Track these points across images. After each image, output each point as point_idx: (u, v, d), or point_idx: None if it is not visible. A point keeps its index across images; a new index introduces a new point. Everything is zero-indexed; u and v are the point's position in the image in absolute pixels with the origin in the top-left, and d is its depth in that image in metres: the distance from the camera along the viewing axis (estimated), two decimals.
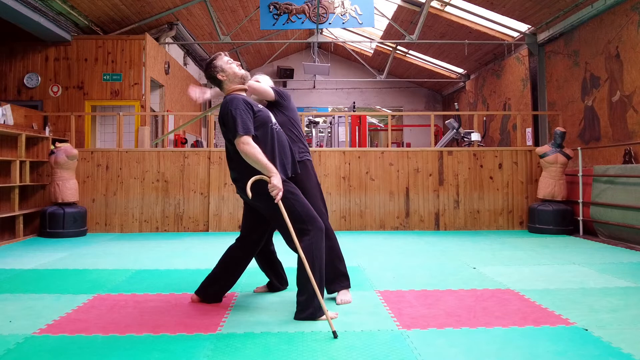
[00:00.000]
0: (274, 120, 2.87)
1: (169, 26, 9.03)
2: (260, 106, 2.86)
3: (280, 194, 2.61)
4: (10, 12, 6.37)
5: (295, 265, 2.72)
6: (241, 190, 2.80)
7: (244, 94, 2.89)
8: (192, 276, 3.80)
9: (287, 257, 4.43)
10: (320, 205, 3.13)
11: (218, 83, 2.90)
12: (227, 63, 2.87)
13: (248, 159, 2.64)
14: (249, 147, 2.62)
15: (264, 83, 3.24)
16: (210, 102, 12.77)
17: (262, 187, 2.65)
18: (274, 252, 3.33)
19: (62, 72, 7.94)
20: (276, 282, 3.33)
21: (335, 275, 3.12)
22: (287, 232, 2.68)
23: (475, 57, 10.72)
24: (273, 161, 2.72)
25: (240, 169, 2.75)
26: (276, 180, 2.61)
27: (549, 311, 2.84)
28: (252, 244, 3.01)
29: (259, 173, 2.65)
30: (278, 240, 3.34)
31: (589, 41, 7.05)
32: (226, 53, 2.96)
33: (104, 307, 2.96)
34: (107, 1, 7.40)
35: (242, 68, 2.95)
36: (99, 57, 7.98)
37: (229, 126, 2.67)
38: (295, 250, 2.66)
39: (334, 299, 3.09)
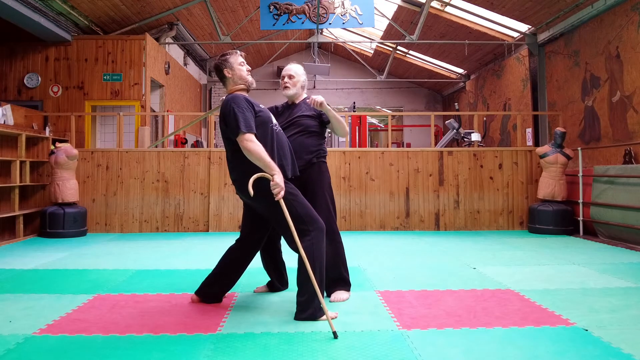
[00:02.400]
0: (274, 120, 2.88)
1: (169, 26, 9.03)
2: (262, 106, 2.86)
3: (282, 192, 2.61)
4: (11, 12, 6.37)
5: (296, 265, 2.72)
6: (241, 191, 2.80)
7: (245, 93, 2.89)
8: (192, 276, 3.80)
9: (287, 257, 4.42)
10: (330, 208, 3.14)
11: (222, 77, 2.90)
12: (238, 64, 2.88)
13: (251, 157, 2.63)
14: (253, 144, 2.62)
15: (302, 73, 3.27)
16: (210, 104, 12.76)
17: (263, 186, 2.64)
18: (280, 251, 3.33)
19: (62, 72, 7.94)
20: (277, 282, 3.33)
21: (337, 281, 3.13)
22: (287, 232, 2.68)
23: (475, 57, 10.72)
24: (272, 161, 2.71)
25: (240, 168, 2.74)
26: (279, 178, 2.61)
27: (549, 311, 2.84)
28: (252, 245, 3.01)
29: (259, 172, 2.64)
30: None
31: (589, 41, 7.05)
32: (243, 54, 2.95)
33: (104, 307, 2.96)
34: (107, 1, 7.40)
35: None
36: (99, 57, 7.98)
37: (231, 124, 2.67)
38: (296, 250, 2.66)
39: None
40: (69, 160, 6.13)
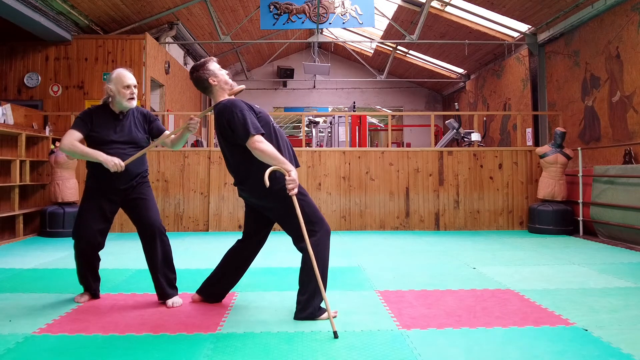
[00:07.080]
0: (272, 119, 2.87)
1: (169, 26, 9.02)
2: (258, 106, 2.85)
3: (296, 189, 2.60)
4: (11, 12, 6.37)
5: (298, 265, 2.72)
6: (250, 192, 2.76)
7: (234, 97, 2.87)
8: (192, 276, 3.80)
9: (288, 258, 4.42)
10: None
11: (206, 87, 2.82)
12: (219, 69, 2.84)
13: (264, 157, 2.59)
14: (265, 145, 2.60)
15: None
16: (210, 104, 12.75)
17: (274, 184, 2.63)
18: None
19: (63, 72, 7.94)
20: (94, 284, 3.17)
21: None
22: (295, 230, 2.67)
23: (475, 57, 10.72)
24: None
25: (253, 171, 2.69)
26: (294, 174, 2.60)
27: (549, 311, 2.84)
28: (254, 245, 3.01)
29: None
30: (279, 241, 3.34)
31: (589, 41, 7.05)
32: (215, 59, 2.90)
33: (104, 307, 2.97)
34: (107, 1, 7.39)
35: (243, 68, 2.92)
36: (99, 57, 7.97)
37: (239, 129, 2.61)
38: (302, 249, 2.66)
39: (335, 299, 3.09)
40: (69, 159, 6.13)
